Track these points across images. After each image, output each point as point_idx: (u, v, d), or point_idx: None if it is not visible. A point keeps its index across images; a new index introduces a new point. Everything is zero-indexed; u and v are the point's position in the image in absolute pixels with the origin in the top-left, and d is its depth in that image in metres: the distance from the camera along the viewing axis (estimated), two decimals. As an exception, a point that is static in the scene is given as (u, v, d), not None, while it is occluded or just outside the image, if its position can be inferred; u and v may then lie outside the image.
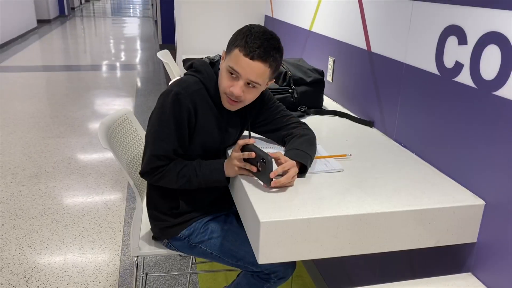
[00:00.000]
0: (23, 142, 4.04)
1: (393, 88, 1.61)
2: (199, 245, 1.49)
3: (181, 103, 1.33)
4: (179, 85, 1.35)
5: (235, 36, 1.31)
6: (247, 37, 1.27)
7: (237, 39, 1.29)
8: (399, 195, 1.20)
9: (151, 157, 1.37)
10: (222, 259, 1.49)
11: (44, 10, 12.96)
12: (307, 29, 2.47)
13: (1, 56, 8.03)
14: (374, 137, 1.66)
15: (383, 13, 1.66)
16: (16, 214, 2.85)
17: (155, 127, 1.36)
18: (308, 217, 1.08)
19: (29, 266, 2.35)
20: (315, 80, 1.89)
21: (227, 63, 1.31)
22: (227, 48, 1.34)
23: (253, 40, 1.27)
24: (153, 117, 1.38)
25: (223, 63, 1.35)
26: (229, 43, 1.33)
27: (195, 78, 1.39)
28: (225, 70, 1.32)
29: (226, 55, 1.34)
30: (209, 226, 1.50)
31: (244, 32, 1.30)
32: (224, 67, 1.33)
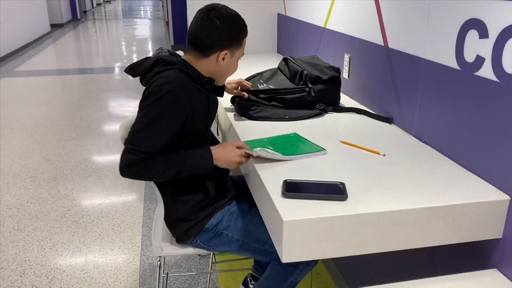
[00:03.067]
0: (41, 145, 4.10)
1: (411, 84, 1.60)
2: (225, 232, 1.52)
3: (178, 99, 1.35)
4: (168, 83, 1.35)
5: (237, 29, 1.45)
6: (243, 22, 1.48)
7: (242, 28, 1.47)
8: (421, 192, 1.19)
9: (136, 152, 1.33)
10: (249, 244, 1.51)
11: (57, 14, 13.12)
12: (321, 26, 2.46)
13: (17, 61, 8.15)
14: (393, 133, 1.65)
15: (400, 8, 1.65)
16: (37, 217, 2.90)
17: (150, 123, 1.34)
18: (331, 215, 1.08)
19: (51, 267, 2.39)
20: (331, 78, 1.88)
21: (239, 55, 1.51)
22: (231, 45, 1.45)
23: (242, 20, 1.48)
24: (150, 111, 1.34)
25: (230, 58, 1.47)
26: (231, 39, 1.44)
27: (175, 70, 1.40)
28: (236, 61, 1.52)
29: (233, 49, 1.46)
30: (233, 212, 1.54)
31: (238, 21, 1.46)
32: (236, 60, 1.51)
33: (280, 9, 3.29)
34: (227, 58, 1.46)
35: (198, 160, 1.40)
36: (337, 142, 1.55)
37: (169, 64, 1.40)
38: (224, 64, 1.47)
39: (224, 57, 1.45)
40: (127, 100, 5.62)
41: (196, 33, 1.42)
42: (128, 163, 1.34)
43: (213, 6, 1.44)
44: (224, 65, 1.47)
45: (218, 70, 1.49)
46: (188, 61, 1.45)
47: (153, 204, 3.06)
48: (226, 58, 1.46)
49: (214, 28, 1.41)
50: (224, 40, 1.43)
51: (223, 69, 1.49)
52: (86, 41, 10.90)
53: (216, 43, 1.42)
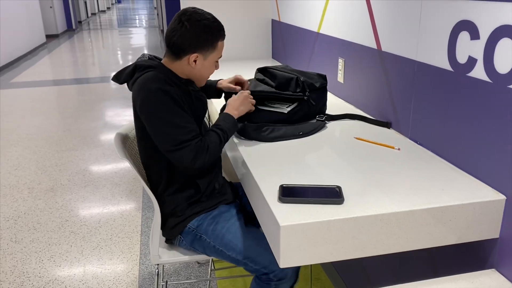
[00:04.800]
0: (38, 156, 4.09)
1: (405, 86, 1.61)
2: (204, 236, 1.53)
3: (170, 93, 1.40)
4: (152, 83, 1.42)
5: (208, 33, 1.47)
6: (218, 26, 1.51)
7: (214, 32, 1.49)
8: (417, 194, 1.19)
9: (190, 146, 1.39)
10: (224, 252, 1.51)
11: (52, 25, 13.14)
12: (315, 31, 2.48)
13: (13, 73, 8.15)
14: (389, 135, 1.65)
15: (392, 12, 1.66)
16: (34, 228, 2.88)
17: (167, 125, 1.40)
18: (328, 219, 1.08)
19: (50, 278, 2.38)
20: (322, 85, 1.82)
21: (214, 57, 1.53)
22: (203, 48, 1.49)
23: (218, 23, 1.51)
24: (154, 122, 1.41)
25: (203, 61, 1.50)
26: (201, 43, 1.48)
27: (153, 72, 1.46)
28: (212, 64, 1.54)
29: (206, 52, 1.49)
30: (215, 218, 1.55)
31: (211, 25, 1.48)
32: (210, 63, 1.53)
33: (274, 15, 3.31)
34: (199, 61, 1.50)
35: (230, 123, 1.52)
36: (333, 146, 1.55)
37: (146, 68, 1.47)
38: (196, 67, 1.51)
39: (195, 59, 1.49)
40: (124, 109, 5.62)
41: (169, 36, 1.48)
42: (189, 157, 1.39)
43: (186, 10, 1.48)
44: (197, 67, 1.51)
45: (192, 72, 1.53)
46: (166, 64, 1.51)
47: (151, 213, 3.05)
48: (198, 60, 1.49)
49: (184, 32, 1.45)
50: (194, 43, 1.47)
51: (197, 71, 1.53)
52: (82, 51, 10.91)
53: (187, 46, 1.47)
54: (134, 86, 1.46)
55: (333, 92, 2.28)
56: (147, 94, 1.41)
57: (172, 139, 1.39)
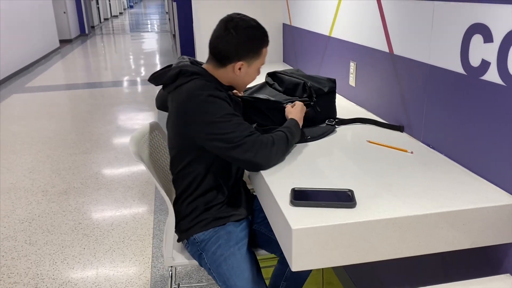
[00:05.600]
0: (51, 159, 4.14)
1: (418, 90, 1.60)
2: (204, 254, 1.51)
3: (221, 97, 1.39)
4: (202, 90, 1.39)
5: (254, 40, 1.47)
6: (263, 32, 1.50)
7: (259, 40, 1.49)
8: (430, 197, 1.19)
9: (251, 139, 1.36)
10: (215, 278, 1.50)
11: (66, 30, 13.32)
12: (326, 34, 2.48)
13: (27, 77, 8.28)
14: (401, 139, 1.65)
15: (404, 15, 1.66)
16: (48, 230, 2.92)
17: (223, 126, 1.36)
18: (340, 223, 1.08)
19: (63, 280, 2.40)
20: (330, 90, 1.79)
21: (258, 64, 1.52)
22: (248, 56, 1.47)
23: (263, 29, 1.50)
24: (209, 127, 1.37)
25: (247, 68, 1.49)
26: (247, 50, 1.46)
27: (200, 79, 1.44)
28: (255, 71, 1.53)
29: (251, 59, 1.48)
30: (220, 238, 1.50)
31: (257, 33, 1.48)
32: (254, 70, 1.52)
33: (285, 19, 3.32)
34: (243, 68, 1.49)
35: (295, 127, 1.53)
36: (345, 150, 1.55)
37: (192, 74, 1.45)
38: (241, 74, 1.50)
39: (240, 67, 1.48)
40: (136, 113, 5.67)
41: (214, 43, 1.47)
42: (252, 151, 1.35)
43: (232, 17, 1.47)
44: (241, 74, 1.50)
45: (235, 79, 1.52)
46: (208, 70, 1.50)
47: (163, 216, 3.07)
48: (242, 68, 1.48)
49: (231, 39, 1.44)
50: (240, 52, 1.46)
51: (240, 78, 1.52)
52: (95, 55, 11.04)
53: (232, 54, 1.45)
54: (181, 93, 1.43)
55: (344, 96, 2.28)
56: (199, 102, 1.37)
57: (231, 137, 1.35)
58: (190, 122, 1.40)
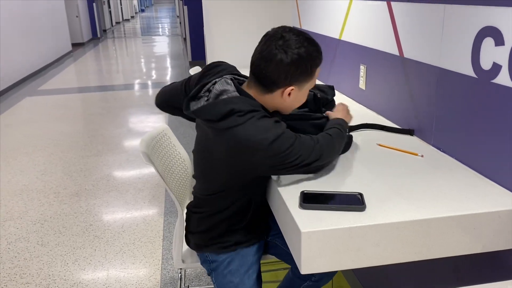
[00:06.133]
0: (64, 161, 4.18)
1: (428, 93, 1.60)
2: (213, 274, 1.50)
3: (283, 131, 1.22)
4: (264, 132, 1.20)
5: (307, 62, 1.25)
6: (317, 50, 1.29)
7: (313, 60, 1.27)
8: (441, 201, 1.18)
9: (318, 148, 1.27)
10: None
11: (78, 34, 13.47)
12: (336, 38, 2.48)
13: (40, 80, 8.38)
14: (411, 143, 1.64)
15: (414, 18, 1.65)
16: (60, 232, 2.95)
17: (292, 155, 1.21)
18: (350, 226, 1.08)
19: (74, 281, 2.43)
20: (332, 97, 1.77)
21: (309, 86, 1.33)
22: (299, 79, 1.27)
23: (317, 46, 1.29)
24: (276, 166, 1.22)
25: (297, 92, 1.30)
26: (299, 74, 1.26)
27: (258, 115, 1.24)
28: (305, 93, 1.35)
29: (302, 82, 1.29)
30: (231, 263, 1.47)
31: (311, 53, 1.26)
32: (305, 93, 1.34)
33: (295, 22, 3.32)
34: (294, 93, 1.29)
35: (341, 122, 1.44)
36: (355, 153, 1.55)
37: (247, 113, 1.22)
38: (290, 99, 1.30)
39: (290, 92, 1.28)
40: (147, 116, 5.71)
41: (260, 65, 1.26)
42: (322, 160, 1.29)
43: (282, 35, 1.25)
44: (291, 99, 1.31)
45: (283, 104, 1.33)
46: (253, 95, 1.30)
47: (173, 218, 3.09)
48: (292, 93, 1.28)
49: (280, 63, 1.22)
50: (291, 76, 1.25)
51: (288, 103, 1.32)
52: (106, 59, 11.14)
53: (282, 79, 1.25)
54: (237, 139, 1.20)
55: (354, 99, 2.27)
56: (265, 148, 1.19)
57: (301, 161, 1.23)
58: (255, 167, 1.23)
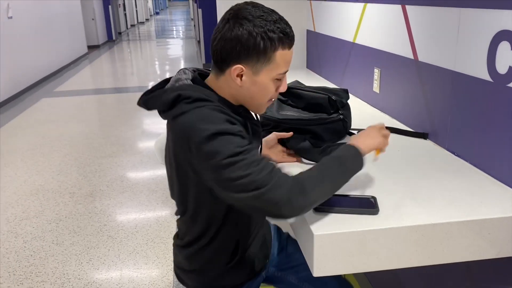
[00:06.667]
0: (79, 162, 4.24)
1: (443, 97, 1.59)
2: None
3: (232, 131, 1.04)
4: (206, 121, 1.04)
5: (257, 36, 1.05)
6: (277, 28, 1.07)
7: (268, 36, 1.06)
8: (455, 205, 1.17)
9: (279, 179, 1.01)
10: None
11: (94, 36, 13.64)
12: (350, 41, 2.48)
13: (56, 82, 8.50)
14: (425, 147, 1.63)
15: (429, 21, 1.65)
16: (74, 231, 2.99)
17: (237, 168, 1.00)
18: (363, 229, 1.08)
19: (88, 281, 2.46)
20: (347, 100, 1.69)
21: (271, 73, 1.10)
22: (250, 57, 1.07)
23: (280, 26, 1.08)
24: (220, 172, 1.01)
25: (252, 76, 1.10)
26: (247, 49, 1.06)
27: (208, 107, 1.07)
28: (271, 82, 1.12)
29: (255, 65, 1.08)
30: None
31: (264, 25, 1.06)
32: (266, 80, 1.11)
33: (309, 25, 3.33)
34: (247, 76, 1.10)
35: (350, 154, 1.13)
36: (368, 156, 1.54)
37: (196, 101, 1.08)
38: (244, 85, 1.11)
39: (240, 73, 1.09)
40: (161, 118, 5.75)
41: (212, 43, 1.11)
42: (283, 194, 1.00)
43: (237, 5, 1.11)
44: (245, 85, 1.11)
45: (240, 93, 1.13)
46: (211, 84, 1.15)
47: (185, 219, 3.11)
48: (244, 75, 1.09)
49: (226, 33, 1.06)
50: (236, 50, 1.06)
51: (246, 91, 1.12)
52: (121, 61, 11.26)
53: (228, 54, 1.07)
54: (181, 127, 1.08)
55: (368, 102, 2.27)
56: (203, 139, 1.02)
57: (250, 181, 0.99)
58: (200, 167, 1.07)
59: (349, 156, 1.13)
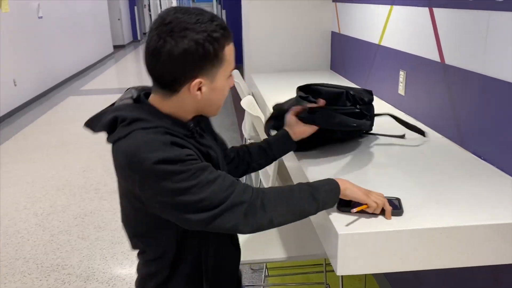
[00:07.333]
0: (104, 159, 4.33)
1: (470, 100, 1.58)
2: None
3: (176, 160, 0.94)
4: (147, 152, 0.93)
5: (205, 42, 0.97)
6: (219, 26, 1.00)
7: (215, 39, 0.98)
8: (481, 209, 1.17)
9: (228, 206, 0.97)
10: None
11: (120, 36, 13.88)
12: (376, 43, 2.47)
13: (83, 81, 8.69)
14: (450, 150, 1.62)
15: (457, 24, 1.64)
16: (99, 227, 3.06)
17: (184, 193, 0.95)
18: (387, 230, 1.09)
19: (112, 275, 2.52)
20: (369, 101, 1.66)
21: (225, 71, 1.04)
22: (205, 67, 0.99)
23: (218, 23, 1.00)
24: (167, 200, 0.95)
25: (210, 84, 1.02)
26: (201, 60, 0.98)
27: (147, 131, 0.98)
28: (224, 82, 1.06)
29: (211, 71, 1.01)
30: None
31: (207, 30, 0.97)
32: (222, 81, 1.05)
33: (334, 27, 3.33)
34: (206, 86, 1.02)
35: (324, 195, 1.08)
36: (392, 158, 1.54)
37: (132, 123, 0.99)
38: (204, 95, 1.03)
39: (200, 86, 1.01)
40: (183, 117, 5.83)
41: (150, 63, 1.00)
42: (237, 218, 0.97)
43: (163, 18, 0.98)
44: (205, 95, 1.03)
45: (199, 104, 1.05)
46: (157, 104, 1.04)
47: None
48: (204, 86, 1.02)
49: (170, 53, 0.96)
50: (190, 66, 0.98)
51: (205, 100, 1.04)
52: (146, 61, 11.42)
53: (181, 73, 0.98)
54: (119, 154, 0.99)
55: (393, 104, 2.26)
56: (144, 172, 0.94)
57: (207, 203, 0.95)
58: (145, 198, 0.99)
59: (326, 190, 1.08)
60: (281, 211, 1.02)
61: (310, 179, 1.38)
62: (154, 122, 0.99)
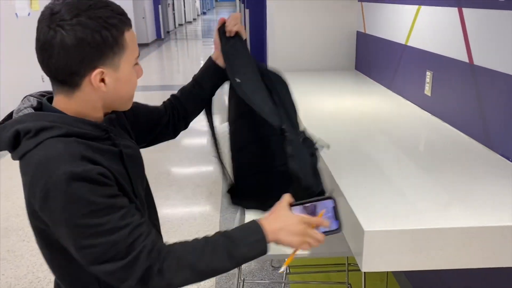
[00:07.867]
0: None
1: (499, 101, 1.56)
2: None
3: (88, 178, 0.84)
4: (58, 165, 0.83)
5: (102, 30, 0.88)
6: (115, 10, 0.91)
7: (111, 24, 0.89)
8: (507, 210, 1.16)
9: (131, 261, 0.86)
10: None
11: (144, 35, 14.07)
12: (402, 43, 2.46)
13: (107, 78, 8.85)
14: (478, 151, 1.61)
15: (487, 24, 1.63)
16: (124, 220, 3.13)
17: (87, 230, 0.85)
18: (413, 228, 1.09)
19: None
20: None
21: (130, 59, 0.96)
22: (105, 55, 0.90)
23: (113, 8, 0.92)
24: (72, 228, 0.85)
25: (114, 73, 0.93)
26: (99, 49, 0.88)
27: (52, 141, 0.87)
28: (131, 70, 0.97)
29: (113, 60, 0.92)
30: None
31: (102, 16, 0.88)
32: (128, 70, 0.96)
33: (359, 27, 3.32)
34: (109, 76, 0.92)
35: (248, 242, 0.96)
36: (417, 159, 1.54)
37: (38, 133, 0.87)
38: (109, 87, 0.93)
39: (102, 77, 0.91)
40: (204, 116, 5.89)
41: (43, 58, 0.89)
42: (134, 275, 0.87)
43: (51, 8, 0.88)
44: (111, 87, 0.93)
45: (107, 98, 0.95)
46: (61, 106, 0.93)
47: (229, 214, 3.18)
48: (107, 77, 0.92)
49: (63, 44, 0.86)
50: (87, 56, 0.88)
51: (112, 93, 0.95)
52: (168, 59, 11.56)
53: (78, 65, 0.88)
54: (26, 166, 0.88)
55: (419, 105, 2.25)
56: (55, 192, 0.83)
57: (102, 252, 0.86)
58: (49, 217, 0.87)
59: (248, 243, 0.95)
60: (184, 276, 0.91)
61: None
62: (64, 128, 0.88)
